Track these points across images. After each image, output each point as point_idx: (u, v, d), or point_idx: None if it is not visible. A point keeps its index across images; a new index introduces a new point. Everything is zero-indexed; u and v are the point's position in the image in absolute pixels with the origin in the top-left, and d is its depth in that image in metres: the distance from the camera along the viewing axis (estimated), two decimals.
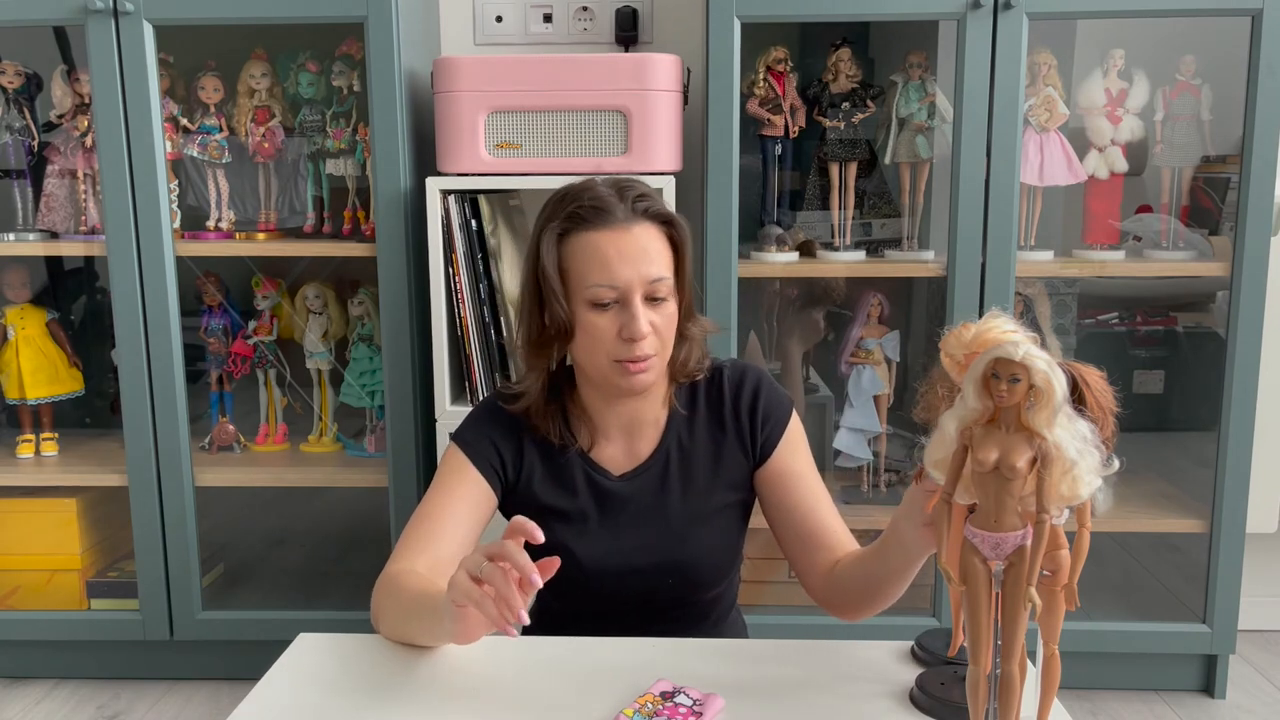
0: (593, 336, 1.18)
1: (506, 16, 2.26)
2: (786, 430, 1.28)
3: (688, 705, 0.96)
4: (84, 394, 2.27)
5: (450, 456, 1.27)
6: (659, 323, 1.18)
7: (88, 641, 2.16)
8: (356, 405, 2.19)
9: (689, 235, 1.23)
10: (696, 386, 1.29)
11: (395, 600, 1.13)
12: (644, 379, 1.19)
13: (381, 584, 1.17)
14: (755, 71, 2.00)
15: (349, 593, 2.23)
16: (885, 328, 2.09)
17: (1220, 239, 2.03)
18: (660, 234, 1.19)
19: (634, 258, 1.16)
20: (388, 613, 1.14)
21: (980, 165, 1.90)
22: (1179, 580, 2.21)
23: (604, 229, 1.17)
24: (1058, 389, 0.74)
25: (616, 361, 1.18)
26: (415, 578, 1.14)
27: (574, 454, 1.26)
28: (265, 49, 2.09)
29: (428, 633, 1.08)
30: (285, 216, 2.19)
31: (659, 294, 1.17)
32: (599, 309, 1.17)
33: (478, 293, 1.87)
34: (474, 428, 1.28)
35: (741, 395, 1.28)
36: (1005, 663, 0.79)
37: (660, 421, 1.28)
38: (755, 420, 1.27)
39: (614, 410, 1.26)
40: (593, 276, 1.17)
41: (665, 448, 1.27)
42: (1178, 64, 2.01)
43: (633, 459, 1.27)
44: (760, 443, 1.27)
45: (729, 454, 1.28)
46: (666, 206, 1.22)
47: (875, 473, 2.15)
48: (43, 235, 2.13)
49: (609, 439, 1.27)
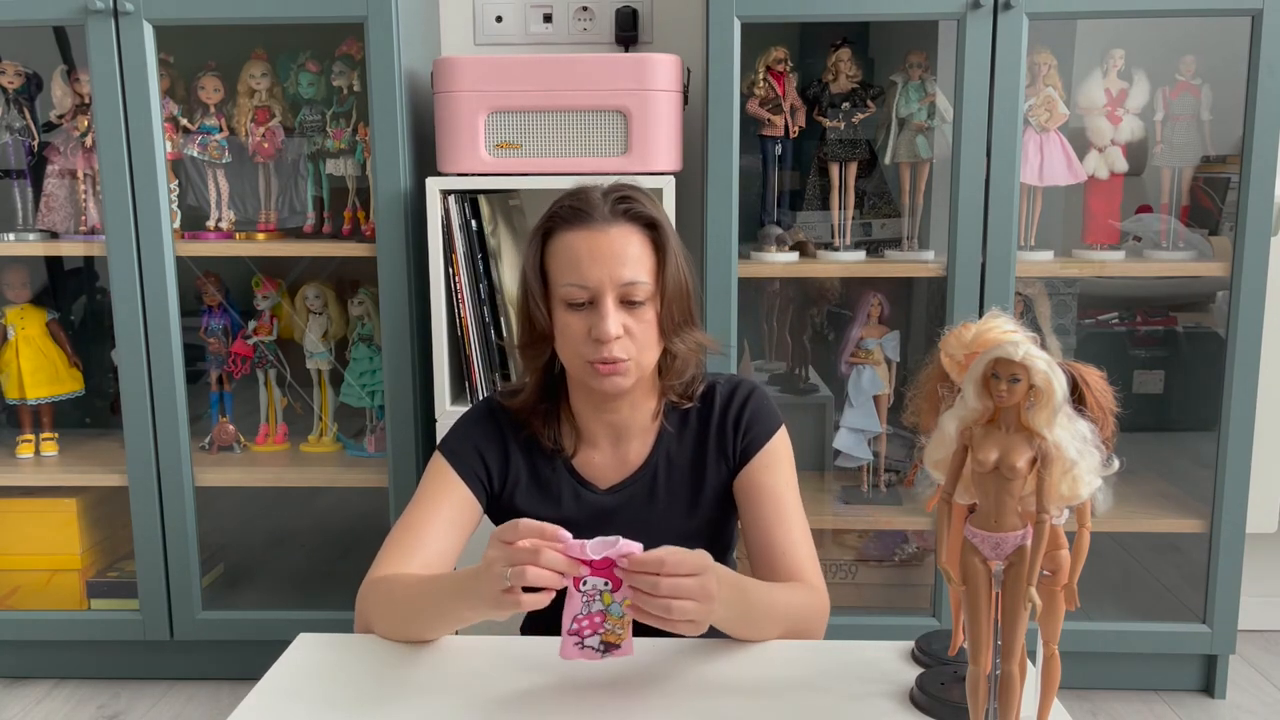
0: (566, 337, 1.18)
1: (506, 16, 2.26)
2: (768, 444, 1.26)
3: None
4: (84, 394, 2.27)
5: (435, 466, 1.27)
6: (634, 327, 1.17)
7: (88, 641, 2.16)
8: (356, 405, 2.18)
9: (674, 241, 1.21)
10: (689, 410, 1.28)
11: (392, 600, 1.13)
12: (617, 381, 1.18)
13: (370, 590, 1.17)
14: (755, 71, 2.00)
15: (349, 593, 2.20)
16: (885, 328, 2.09)
17: (1220, 239, 2.03)
18: (642, 237, 1.18)
19: (607, 259, 1.15)
20: (385, 615, 1.14)
21: (980, 165, 1.90)
22: (1179, 580, 2.21)
23: (581, 229, 1.17)
24: (1058, 389, 0.74)
25: (588, 363, 1.17)
26: (411, 575, 1.14)
27: (561, 464, 1.26)
28: (265, 49, 2.09)
29: (446, 615, 1.08)
30: (285, 216, 2.19)
31: (634, 297, 1.16)
32: (573, 309, 1.17)
33: (478, 293, 1.87)
34: (460, 436, 1.29)
35: (731, 405, 1.27)
36: (1005, 663, 0.79)
37: (650, 434, 1.27)
38: (739, 428, 1.26)
39: (601, 417, 1.26)
40: (566, 276, 1.17)
41: (654, 461, 1.26)
42: (1178, 64, 2.01)
43: (620, 470, 1.27)
44: (739, 450, 1.26)
45: (713, 465, 1.27)
46: (654, 210, 1.20)
47: (875, 473, 2.15)
48: (43, 235, 2.13)
49: (595, 446, 1.27)
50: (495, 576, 0.97)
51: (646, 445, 1.27)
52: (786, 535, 1.23)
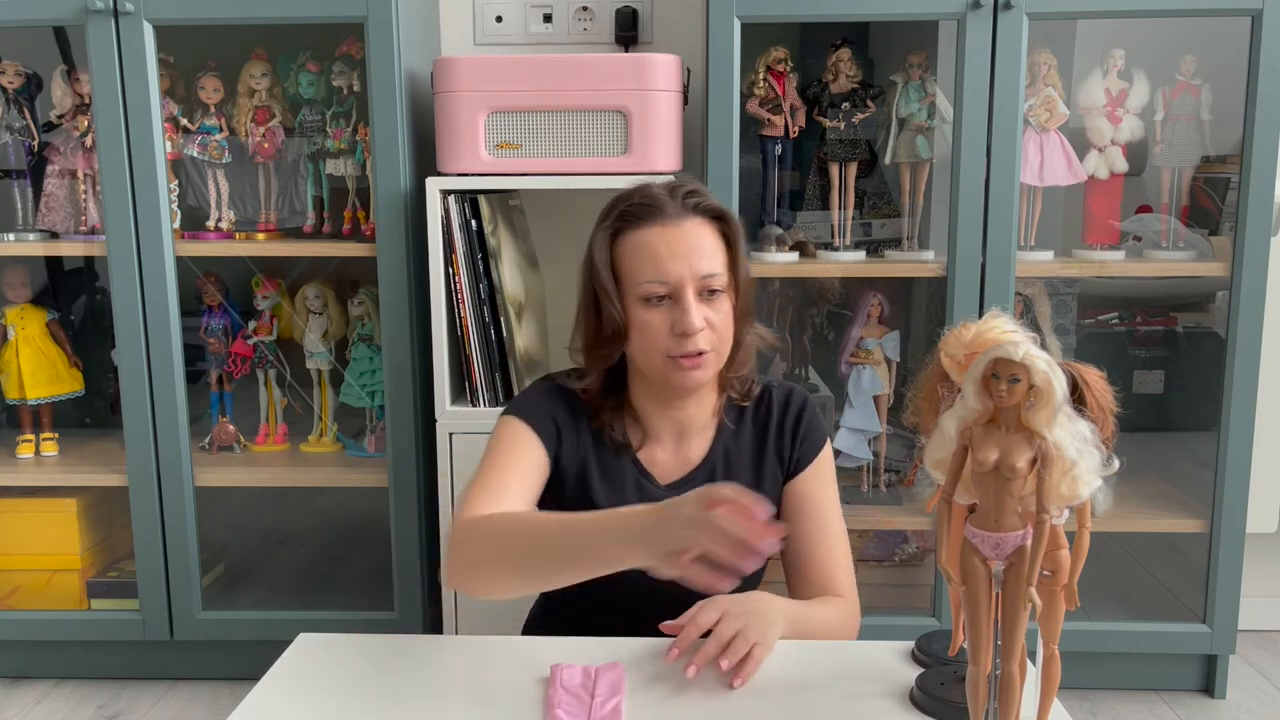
0: (645, 334, 1.18)
1: (506, 16, 2.26)
2: (820, 455, 1.30)
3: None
4: (84, 394, 2.27)
5: (509, 427, 1.22)
6: (714, 319, 1.18)
7: (88, 641, 2.16)
8: (356, 405, 2.18)
9: (742, 231, 1.22)
10: (744, 407, 1.29)
11: (510, 534, 1.06)
12: (699, 375, 1.18)
13: (477, 526, 1.09)
14: (755, 71, 2.00)
15: (349, 593, 2.23)
16: (885, 328, 2.09)
17: (1220, 239, 2.03)
18: (713, 230, 1.20)
19: (685, 253, 1.16)
20: (500, 551, 1.06)
21: (980, 165, 1.90)
22: (1179, 580, 2.21)
23: (654, 225, 1.18)
24: (1058, 389, 0.74)
25: (670, 358, 1.17)
26: (531, 511, 1.10)
27: (626, 456, 1.26)
28: (265, 49, 2.09)
29: (588, 554, 1.02)
30: (285, 216, 2.19)
31: (713, 287, 1.17)
32: (651, 305, 1.17)
33: (478, 293, 1.87)
34: (535, 403, 1.25)
35: (788, 411, 1.30)
36: (1005, 663, 0.79)
37: (709, 431, 1.28)
38: (796, 436, 1.29)
39: (666, 414, 1.26)
40: (644, 273, 1.17)
41: (713, 459, 1.27)
42: (1178, 64, 2.01)
43: (681, 466, 1.27)
44: (795, 457, 1.29)
45: (770, 468, 1.29)
46: (719, 202, 1.21)
47: (875, 473, 2.15)
48: (43, 235, 2.13)
49: (659, 442, 1.27)
50: (676, 534, 0.92)
51: (706, 442, 1.28)
52: (828, 549, 1.26)
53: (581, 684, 1.00)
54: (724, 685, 1.02)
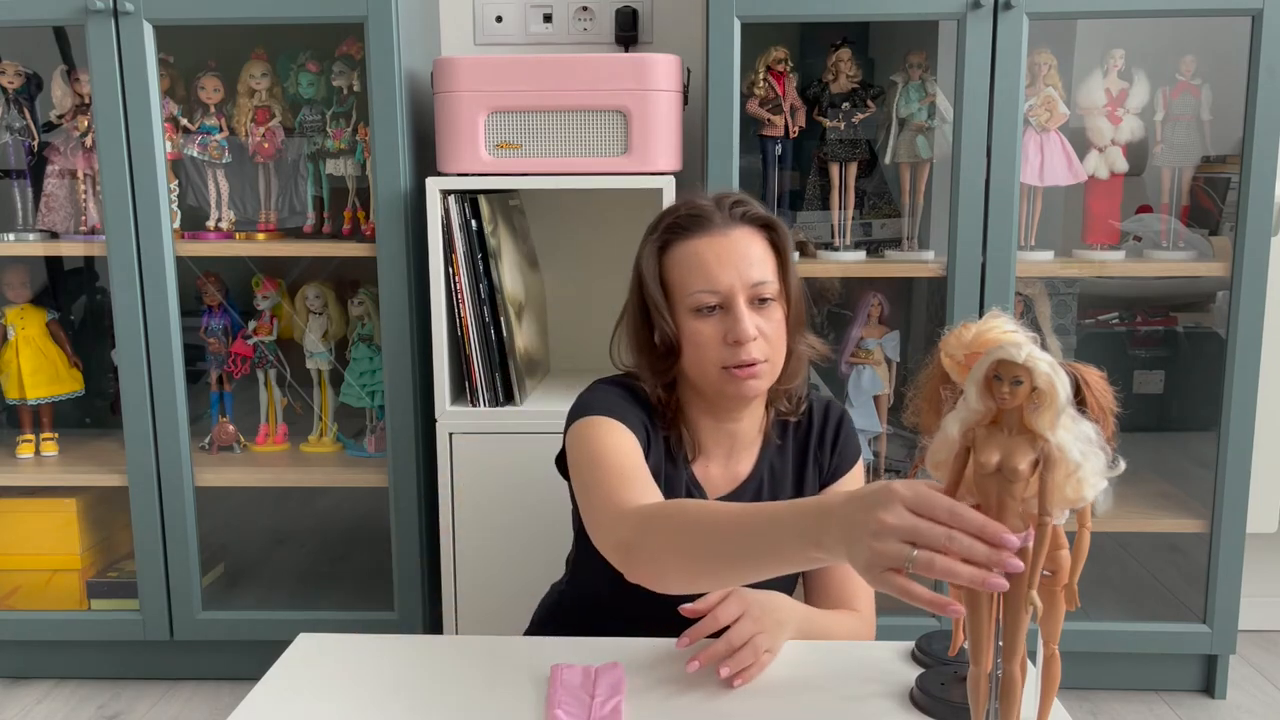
0: (698, 345, 1.17)
1: (506, 16, 2.26)
2: (852, 471, 1.30)
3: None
4: (84, 394, 2.27)
5: (604, 426, 1.15)
6: (766, 328, 1.17)
7: (88, 641, 2.16)
8: (356, 405, 2.18)
9: (790, 240, 1.22)
10: (788, 421, 1.29)
11: (688, 524, 0.95)
12: (754, 385, 1.17)
13: (650, 517, 1.00)
14: (755, 71, 2.00)
15: (349, 593, 2.23)
16: (885, 328, 2.09)
17: (1220, 239, 2.03)
18: (761, 238, 1.19)
19: (734, 262, 1.16)
20: (682, 541, 0.96)
21: (980, 165, 1.90)
22: (1179, 580, 2.21)
23: (702, 235, 1.17)
24: (1061, 391, 0.73)
25: (724, 368, 1.16)
26: (706, 502, 1.03)
27: (686, 469, 1.25)
28: (265, 49, 2.09)
29: (781, 550, 0.88)
30: (285, 216, 2.19)
31: (764, 295, 1.17)
32: (703, 316, 1.17)
33: (478, 293, 1.87)
34: (620, 405, 1.20)
35: (827, 423, 1.30)
36: (1007, 663, 0.79)
37: (755, 446, 1.28)
38: (834, 448, 1.29)
39: (720, 426, 1.26)
40: (694, 283, 1.16)
41: (759, 474, 1.27)
42: (1178, 64, 2.01)
43: (730, 481, 1.27)
44: (830, 469, 1.29)
45: (810, 480, 1.29)
46: (766, 211, 1.21)
47: (875, 473, 2.15)
48: (43, 235, 2.13)
49: (711, 456, 1.27)
50: (882, 550, 0.75)
51: (753, 457, 1.28)
52: (849, 566, 1.23)
53: (581, 684, 1.00)
54: (724, 684, 1.02)
